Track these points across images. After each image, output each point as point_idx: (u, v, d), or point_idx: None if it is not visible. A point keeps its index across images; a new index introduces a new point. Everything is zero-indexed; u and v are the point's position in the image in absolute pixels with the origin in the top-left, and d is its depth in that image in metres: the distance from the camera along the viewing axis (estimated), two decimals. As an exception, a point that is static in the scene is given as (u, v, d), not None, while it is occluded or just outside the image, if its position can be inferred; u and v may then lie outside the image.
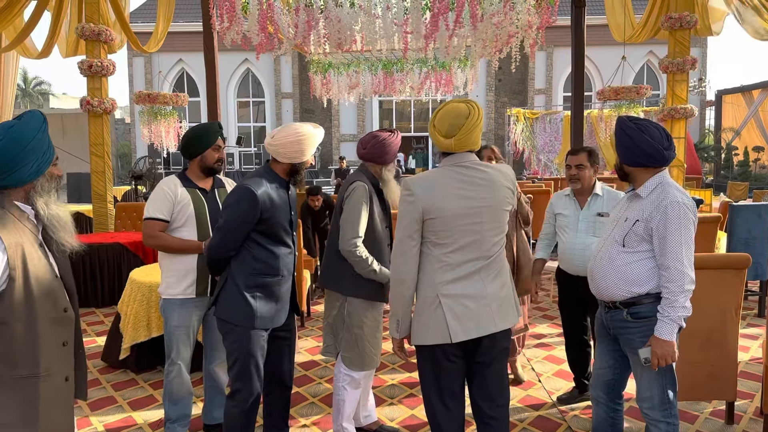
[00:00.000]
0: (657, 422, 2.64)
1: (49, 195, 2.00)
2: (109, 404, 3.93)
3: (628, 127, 2.63)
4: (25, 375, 1.86)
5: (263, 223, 2.79)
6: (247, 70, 25.50)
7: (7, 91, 10.81)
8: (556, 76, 25.35)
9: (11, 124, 1.91)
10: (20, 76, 39.83)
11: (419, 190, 2.38)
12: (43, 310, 1.90)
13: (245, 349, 2.81)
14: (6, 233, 1.83)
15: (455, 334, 2.37)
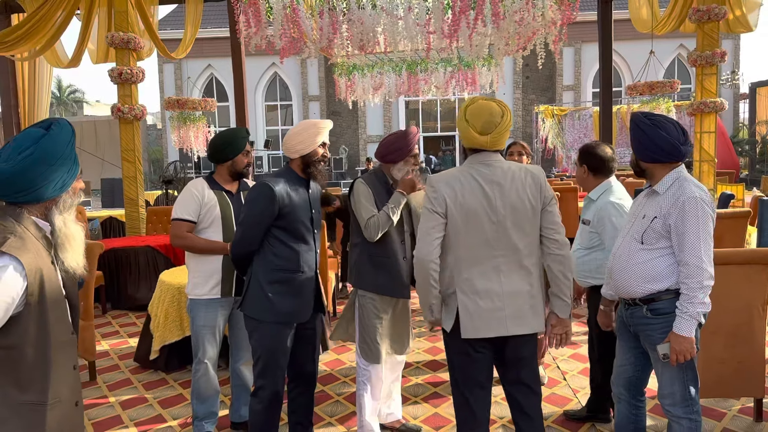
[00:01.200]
0: (679, 419, 2.63)
1: (70, 212, 1.89)
2: (140, 403, 4.04)
3: (643, 123, 2.61)
4: (33, 401, 1.77)
5: (282, 219, 2.85)
6: (275, 74, 25.76)
7: (42, 99, 11.10)
8: (585, 72, 25.06)
9: (39, 134, 1.79)
10: (55, 85, 40.87)
11: (443, 187, 2.43)
12: (56, 334, 1.82)
13: (268, 345, 2.87)
14: (27, 257, 1.72)
15: (465, 330, 2.42)
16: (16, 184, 1.75)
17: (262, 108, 26.24)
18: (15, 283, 1.68)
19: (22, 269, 1.70)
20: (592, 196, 3.35)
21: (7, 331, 1.71)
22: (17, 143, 1.78)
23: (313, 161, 2.96)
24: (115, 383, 4.42)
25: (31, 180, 1.76)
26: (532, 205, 2.49)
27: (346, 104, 11.96)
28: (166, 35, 21.10)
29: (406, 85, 11.26)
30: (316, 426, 3.59)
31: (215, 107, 12.55)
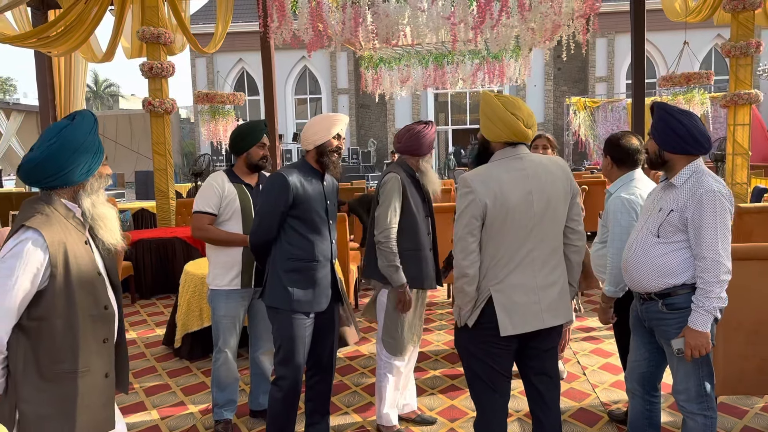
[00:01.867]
0: (693, 415, 2.60)
1: (97, 195, 2.05)
2: (164, 390, 4.14)
3: (678, 111, 2.56)
4: (65, 370, 1.92)
5: (297, 209, 2.90)
6: (304, 67, 25.91)
7: (78, 93, 11.34)
8: (618, 63, 24.63)
9: (63, 125, 1.96)
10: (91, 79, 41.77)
11: (478, 185, 2.37)
12: (83, 307, 1.95)
13: (288, 334, 2.92)
14: (49, 231, 1.88)
15: (504, 328, 2.39)
16: (45, 169, 1.92)
17: (292, 101, 26.41)
18: (37, 253, 1.85)
19: (43, 242, 1.86)
20: (611, 189, 3.30)
21: (37, 304, 1.89)
22: (45, 134, 1.96)
23: (326, 152, 2.99)
24: (141, 370, 4.53)
25: (59, 165, 1.93)
26: (564, 197, 2.49)
27: (375, 97, 11.99)
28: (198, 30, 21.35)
29: (432, 77, 11.22)
30: (334, 415, 3.64)
31: (243, 101, 12.70)
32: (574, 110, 21.00)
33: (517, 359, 2.55)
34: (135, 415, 3.74)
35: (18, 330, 1.88)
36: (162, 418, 3.70)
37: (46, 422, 1.91)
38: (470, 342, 2.52)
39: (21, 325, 1.88)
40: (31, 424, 1.89)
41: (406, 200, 3.22)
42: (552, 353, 2.56)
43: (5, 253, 1.84)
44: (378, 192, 3.25)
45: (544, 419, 2.56)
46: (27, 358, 1.89)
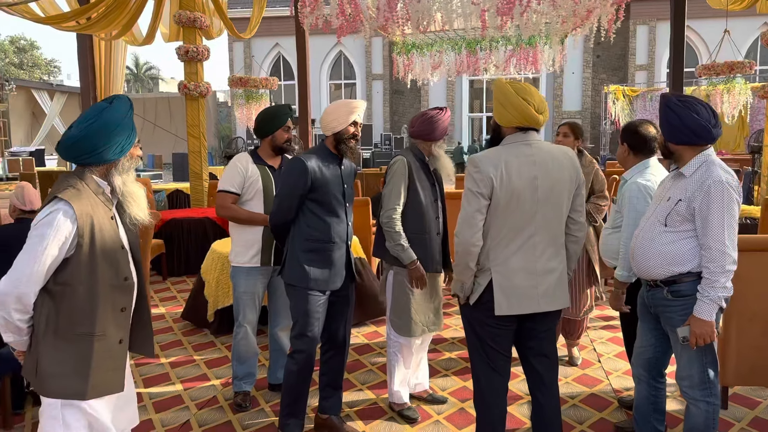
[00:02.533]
0: (696, 401, 2.63)
1: (128, 174, 2.21)
2: (188, 363, 4.32)
3: (674, 104, 2.58)
4: (82, 333, 2.08)
5: (315, 192, 3.00)
6: (340, 52, 25.98)
7: (117, 75, 11.63)
8: (660, 51, 24.03)
9: (103, 106, 2.10)
10: (132, 62, 42.57)
11: (487, 166, 2.44)
12: (104, 277, 2.10)
13: (304, 310, 3.04)
14: (79, 204, 2.03)
15: (500, 307, 2.47)
16: (82, 147, 2.08)
17: (327, 86, 26.54)
18: (66, 223, 2.01)
19: (73, 213, 2.02)
20: (626, 176, 3.30)
21: (63, 270, 2.05)
22: (85, 114, 2.11)
23: (344, 139, 3.07)
24: (167, 344, 4.72)
25: (95, 144, 2.08)
26: (569, 187, 2.54)
27: (407, 83, 11.99)
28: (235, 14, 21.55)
29: (465, 63, 11.17)
30: (348, 391, 3.75)
31: (276, 85, 12.86)
32: (612, 99, 20.62)
33: (516, 341, 2.62)
34: (160, 386, 3.92)
35: (44, 293, 2.04)
36: (185, 389, 3.87)
37: (62, 379, 2.06)
38: (473, 319, 2.60)
39: (47, 289, 2.04)
40: (49, 380, 2.05)
41: (413, 184, 3.29)
42: (550, 335, 2.63)
43: (38, 221, 2.00)
44: (386, 174, 3.34)
45: (543, 399, 2.63)
46: (49, 319, 2.05)
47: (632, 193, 3.09)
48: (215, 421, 3.44)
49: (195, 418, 3.47)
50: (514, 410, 3.49)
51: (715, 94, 11.05)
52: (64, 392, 2.07)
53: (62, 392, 2.07)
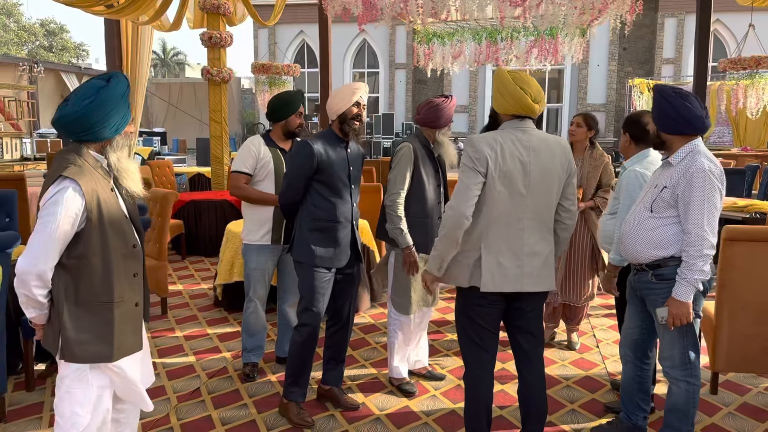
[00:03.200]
0: (677, 381, 2.74)
1: (122, 150, 2.29)
2: (201, 336, 4.53)
3: (669, 95, 2.68)
4: (102, 300, 2.20)
5: (321, 174, 3.15)
6: (364, 41, 26.05)
7: (143, 59, 11.83)
8: (687, 45, 23.64)
9: (101, 85, 2.15)
10: (159, 47, 43.04)
11: (483, 146, 2.56)
12: (115, 247, 2.22)
13: (309, 285, 3.20)
14: (84, 180, 2.12)
15: (486, 285, 2.60)
16: (80, 124, 2.16)
17: (350, 75, 26.64)
18: (75, 200, 2.11)
19: (80, 189, 2.12)
20: (626, 164, 3.40)
21: (76, 244, 2.16)
22: (83, 91, 2.18)
23: (347, 119, 3.21)
24: (183, 318, 4.93)
25: (92, 122, 2.16)
26: (560, 174, 2.66)
27: (427, 72, 12.06)
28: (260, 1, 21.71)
29: (485, 53, 11.20)
30: (352, 366, 3.92)
31: (298, 72, 13.02)
32: (637, 92, 20.42)
33: (504, 319, 2.75)
34: (173, 356, 4.13)
35: (60, 267, 2.15)
36: (197, 360, 4.07)
37: (88, 345, 2.19)
38: (462, 298, 2.73)
39: (62, 263, 2.15)
40: (75, 348, 2.18)
41: (417, 169, 3.42)
42: (536, 314, 2.73)
43: (47, 200, 2.10)
44: (391, 160, 3.47)
45: (528, 375, 2.75)
46: (68, 292, 2.17)
47: (629, 180, 3.19)
48: (224, 389, 3.63)
49: (205, 386, 3.66)
50: (509, 389, 3.62)
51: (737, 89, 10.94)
52: (92, 357, 2.20)
53: (90, 357, 2.20)
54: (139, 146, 18.52)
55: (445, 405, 3.45)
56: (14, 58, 19.65)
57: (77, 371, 2.22)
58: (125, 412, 2.45)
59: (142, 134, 21.21)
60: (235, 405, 3.44)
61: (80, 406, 2.21)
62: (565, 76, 24.61)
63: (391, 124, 20.52)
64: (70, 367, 2.22)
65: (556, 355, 4.21)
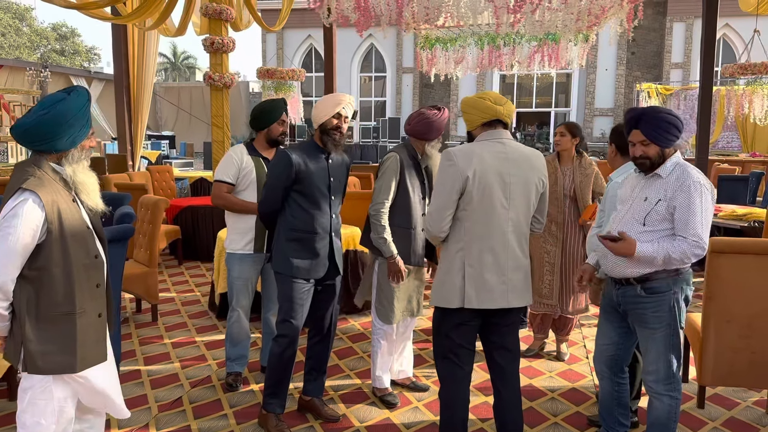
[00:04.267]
0: (660, 395, 2.71)
1: (78, 163, 2.27)
2: (189, 344, 4.52)
3: (664, 112, 2.66)
4: (64, 312, 2.20)
5: (300, 184, 3.13)
6: (371, 45, 26.05)
7: (149, 64, 11.93)
8: (696, 49, 23.48)
9: (59, 98, 2.18)
10: (170, 51, 43.32)
11: (460, 159, 2.56)
12: (77, 257, 2.23)
13: (287, 296, 3.19)
14: (44, 192, 2.13)
15: (469, 301, 2.59)
16: (32, 135, 2.18)
17: (357, 79, 26.66)
18: (35, 212, 2.11)
19: (40, 202, 2.12)
20: (612, 176, 3.36)
21: (37, 256, 2.16)
22: (41, 103, 2.19)
23: (327, 130, 3.18)
24: (173, 325, 4.94)
25: (44, 133, 2.17)
26: (537, 186, 2.66)
27: (439, 77, 12.04)
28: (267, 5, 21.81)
29: (488, 59, 11.17)
30: (336, 376, 3.90)
31: (304, 77, 13.05)
32: (645, 97, 20.28)
33: (480, 334, 2.72)
34: (159, 364, 4.12)
35: (21, 279, 2.15)
36: (182, 368, 4.06)
37: (51, 357, 2.20)
38: (442, 318, 2.71)
39: (23, 275, 2.15)
40: (39, 359, 2.18)
41: (403, 180, 3.40)
42: (512, 329, 2.73)
43: (6, 213, 2.10)
44: (378, 169, 3.45)
45: (503, 390, 2.73)
46: (30, 303, 2.17)
47: (615, 193, 3.15)
48: (206, 398, 3.62)
49: (187, 396, 3.66)
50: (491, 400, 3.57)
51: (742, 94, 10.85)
52: (56, 368, 2.21)
53: (53, 368, 2.21)
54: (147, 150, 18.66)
55: (427, 417, 3.42)
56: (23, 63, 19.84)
57: (41, 382, 2.22)
58: (89, 422, 2.45)
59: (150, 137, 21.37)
60: (215, 415, 3.43)
61: (43, 416, 2.22)
62: (572, 81, 24.49)
63: (397, 128, 20.48)
64: (33, 379, 2.22)
65: (544, 366, 4.16)
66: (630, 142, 2.72)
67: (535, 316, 4.38)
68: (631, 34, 6.60)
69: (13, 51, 34.22)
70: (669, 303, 2.65)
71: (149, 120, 21.17)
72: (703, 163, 8.88)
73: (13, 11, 36.20)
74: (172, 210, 7.40)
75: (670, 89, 20.80)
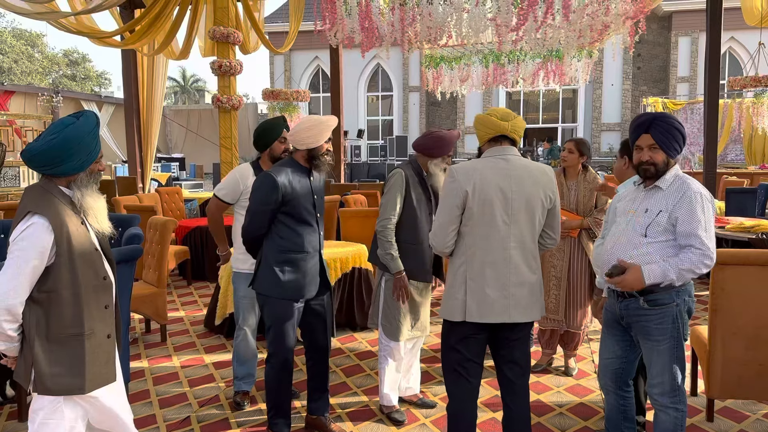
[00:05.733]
0: (666, 408, 2.69)
1: (87, 187, 2.30)
2: (198, 363, 4.54)
3: (676, 121, 2.67)
4: (73, 333, 2.23)
5: (287, 205, 3.14)
6: (378, 65, 26.28)
7: (158, 88, 12.11)
8: (702, 63, 23.51)
9: (69, 122, 2.24)
10: (179, 74, 43.83)
11: (461, 175, 2.62)
12: (86, 279, 2.26)
13: (277, 316, 3.19)
14: (53, 215, 2.17)
15: (470, 314, 2.63)
16: (42, 159, 2.21)
17: (364, 98, 26.86)
18: (44, 235, 2.15)
19: (49, 225, 2.16)
20: (620, 189, 3.36)
21: (46, 279, 2.19)
22: (51, 128, 2.24)
23: (319, 155, 3.21)
24: (181, 345, 4.96)
25: (53, 157, 2.20)
26: (543, 202, 2.68)
27: (436, 95, 12.14)
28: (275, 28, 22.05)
29: (493, 76, 11.26)
30: (343, 393, 3.91)
31: (309, 98, 13.20)
32: (652, 111, 20.29)
33: (490, 348, 2.75)
34: (167, 384, 4.14)
35: (30, 301, 2.18)
36: (191, 388, 4.08)
37: (60, 378, 2.22)
38: (449, 331, 2.75)
39: (33, 297, 2.18)
40: (48, 381, 2.20)
41: (409, 196, 3.43)
42: (521, 343, 2.74)
43: (16, 236, 2.14)
44: (384, 185, 3.49)
45: (512, 405, 2.73)
46: (39, 325, 2.20)
47: None
48: (214, 418, 3.64)
49: (195, 415, 3.67)
50: (499, 416, 3.57)
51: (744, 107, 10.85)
52: (65, 389, 2.24)
53: (63, 390, 2.23)
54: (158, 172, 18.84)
55: (434, 433, 3.41)
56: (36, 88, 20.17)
57: (51, 404, 2.25)
58: None
59: (161, 160, 21.58)
60: (223, 434, 3.44)
61: None
62: (579, 96, 24.56)
63: (404, 146, 20.58)
64: (44, 400, 2.25)
65: (552, 381, 4.15)
66: (637, 146, 2.72)
67: (543, 332, 4.38)
68: (632, 50, 6.63)
69: (25, 77, 34.75)
70: (672, 315, 2.64)
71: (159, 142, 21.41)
72: (711, 177, 8.87)
73: (25, 38, 36.84)
74: (181, 230, 7.46)
75: (678, 103, 20.79)
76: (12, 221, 2.25)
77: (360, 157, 20.84)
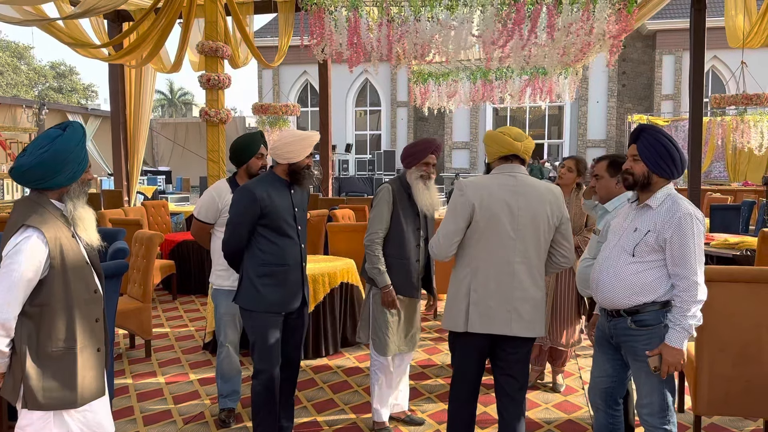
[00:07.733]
0: (655, 429, 2.68)
1: (79, 198, 2.30)
2: (183, 380, 4.48)
3: (665, 137, 2.66)
4: (64, 348, 2.22)
5: (266, 218, 3.11)
6: (366, 80, 26.39)
7: (146, 101, 12.06)
8: (686, 81, 23.84)
9: (56, 134, 2.22)
10: (167, 87, 43.76)
11: (469, 189, 2.71)
12: (77, 293, 2.25)
13: (261, 331, 3.15)
14: (47, 228, 2.17)
15: (472, 325, 2.71)
16: (34, 174, 2.20)
17: (353, 112, 26.93)
18: (39, 248, 2.14)
19: (43, 238, 2.16)
20: (608, 207, 3.36)
21: (39, 292, 2.18)
22: (38, 141, 2.22)
23: (300, 169, 3.19)
24: (166, 361, 4.90)
25: (45, 171, 2.19)
26: (550, 220, 2.74)
27: (433, 111, 12.20)
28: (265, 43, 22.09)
29: (480, 92, 11.32)
30: (331, 411, 3.89)
31: (298, 111, 13.21)
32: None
33: (490, 359, 2.83)
34: (151, 401, 4.08)
35: (22, 315, 2.16)
36: (176, 405, 4.02)
37: (52, 393, 2.19)
38: (453, 339, 2.86)
39: (24, 311, 2.16)
40: (39, 395, 2.17)
41: (396, 211, 3.43)
42: (519, 358, 2.79)
43: (10, 249, 2.12)
44: (372, 200, 3.50)
45: (507, 416, 2.81)
46: (30, 340, 2.17)
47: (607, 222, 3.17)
48: (199, 435, 3.58)
49: (180, 432, 3.62)
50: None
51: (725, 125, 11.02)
52: (57, 404, 2.21)
53: (54, 404, 2.20)
54: (144, 185, 18.73)
55: (422, 451, 3.39)
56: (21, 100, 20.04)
57: (41, 419, 2.22)
58: None
59: (147, 173, 21.47)
60: (208, 452, 3.39)
61: None
62: (564, 113, 24.79)
63: (392, 161, 20.64)
64: (33, 416, 2.21)
65: (540, 397, 4.14)
66: (627, 156, 2.75)
67: (533, 348, 4.36)
68: (612, 66, 6.70)
69: (10, 89, 34.52)
70: (660, 335, 2.61)
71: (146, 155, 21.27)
72: (695, 194, 8.95)
73: (12, 50, 36.63)
74: (167, 245, 7.40)
75: (666, 121, 21.05)
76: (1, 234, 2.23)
77: (348, 172, 20.87)
